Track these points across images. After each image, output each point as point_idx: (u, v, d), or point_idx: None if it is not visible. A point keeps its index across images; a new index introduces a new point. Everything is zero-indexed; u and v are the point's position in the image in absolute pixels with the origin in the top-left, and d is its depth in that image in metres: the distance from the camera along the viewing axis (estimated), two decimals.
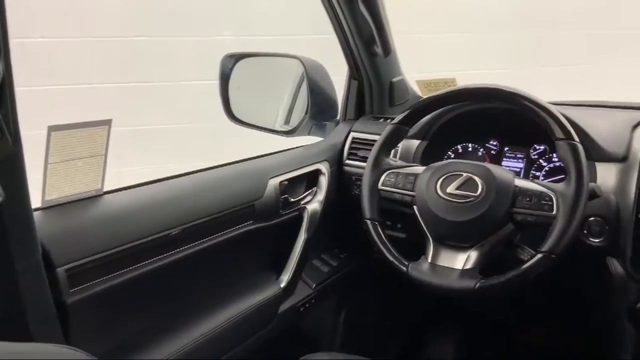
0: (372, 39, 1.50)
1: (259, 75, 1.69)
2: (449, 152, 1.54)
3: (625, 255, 1.17)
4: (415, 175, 1.22)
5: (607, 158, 1.23)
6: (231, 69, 1.57)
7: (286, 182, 1.37)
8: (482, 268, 1.10)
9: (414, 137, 1.47)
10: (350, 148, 1.57)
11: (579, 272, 1.31)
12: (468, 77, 1.28)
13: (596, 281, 1.25)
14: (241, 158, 1.40)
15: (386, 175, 1.25)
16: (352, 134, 1.59)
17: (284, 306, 1.44)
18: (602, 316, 1.29)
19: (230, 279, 1.32)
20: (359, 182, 1.39)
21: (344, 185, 1.55)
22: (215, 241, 1.21)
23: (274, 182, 1.34)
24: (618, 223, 1.18)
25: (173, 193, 1.17)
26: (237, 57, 1.58)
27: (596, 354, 1.35)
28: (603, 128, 1.29)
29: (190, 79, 3.28)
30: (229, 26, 3.27)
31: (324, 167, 1.50)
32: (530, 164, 1.44)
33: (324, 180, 1.49)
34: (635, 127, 1.27)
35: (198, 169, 1.28)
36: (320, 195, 1.48)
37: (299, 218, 1.44)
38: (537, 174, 1.43)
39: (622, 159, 1.22)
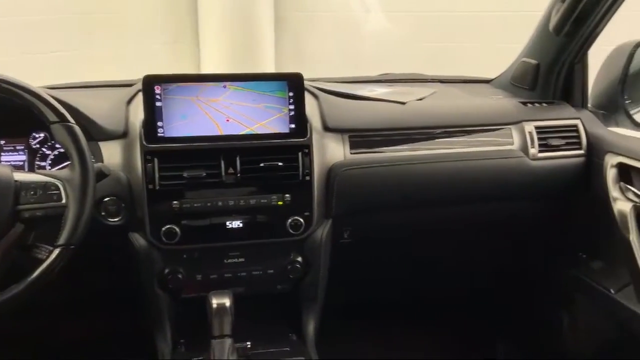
0: None
1: None
2: None
3: (145, 227, 1.22)
4: None
5: (109, 136, 1.24)
6: None
7: None
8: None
9: None
10: None
11: (105, 254, 1.30)
12: None
13: (124, 258, 1.26)
14: None
15: None
16: None
17: None
18: (138, 290, 1.32)
19: None
20: None
21: None
22: None
23: None
24: (132, 198, 1.21)
25: None
26: None
27: (140, 326, 1.37)
28: (100, 107, 1.29)
29: None
30: None
31: None
32: (33, 154, 1.32)
33: None
34: (129, 102, 1.31)
35: None
36: None
37: None
38: (43, 163, 1.32)
39: (123, 134, 1.25)
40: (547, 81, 1.54)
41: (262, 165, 1.25)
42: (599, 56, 1.52)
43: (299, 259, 1.33)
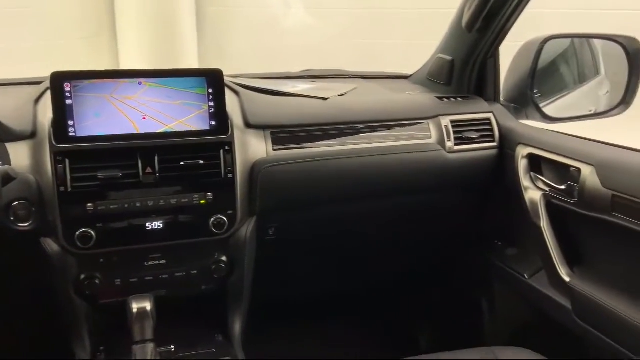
0: None
1: None
2: None
3: (57, 231, 1.16)
4: None
5: (16, 137, 1.17)
6: None
7: None
8: None
9: None
10: None
11: (15, 260, 1.23)
12: None
13: (36, 265, 1.19)
14: None
15: None
16: None
17: None
18: (53, 297, 1.25)
19: None
20: None
21: None
22: None
23: None
24: (43, 202, 1.15)
25: None
26: None
27: (59, 333, 1.31)
28: (6, 107, 1.22)
29: None
30: None
31: None
32: None
33: None
34: (37, 101, 1.24)
35: None
36: None
37: None
38: None
39: (31, 135, 1.18)
40: (462, 76, 1.59)
41: (182, 164, 1.21)
42: (510, 52, 1.59)
43: (224, 258, 1.31)
